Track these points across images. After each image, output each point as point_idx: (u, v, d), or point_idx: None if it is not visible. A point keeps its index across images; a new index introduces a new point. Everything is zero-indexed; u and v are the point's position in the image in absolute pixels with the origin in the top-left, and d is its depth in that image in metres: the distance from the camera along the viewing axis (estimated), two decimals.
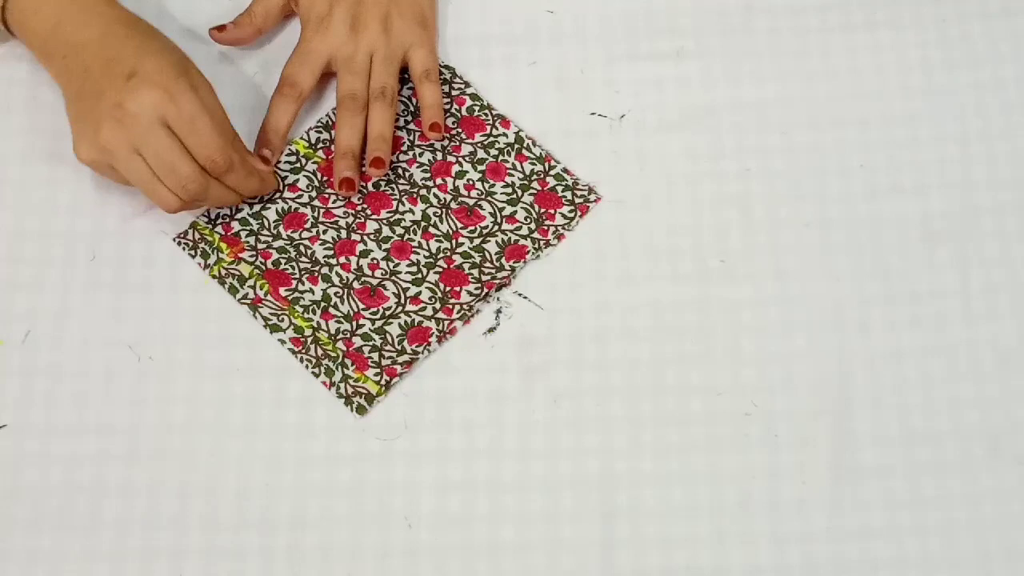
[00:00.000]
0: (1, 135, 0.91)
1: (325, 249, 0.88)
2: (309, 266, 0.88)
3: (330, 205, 0.89)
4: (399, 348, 0.85)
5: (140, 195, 0.88)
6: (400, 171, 0.90)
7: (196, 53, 0.93)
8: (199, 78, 0.84)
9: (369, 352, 0.85)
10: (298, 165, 0.90)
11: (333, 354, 0.85)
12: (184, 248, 0.88)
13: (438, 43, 0.94)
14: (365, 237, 0.88)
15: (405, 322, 0.86)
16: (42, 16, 0.85)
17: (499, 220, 0.89)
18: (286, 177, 0.90)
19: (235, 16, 0.93)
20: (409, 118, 0.92)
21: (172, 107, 0.81)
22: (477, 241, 0.88)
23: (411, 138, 0.91)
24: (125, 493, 0.82)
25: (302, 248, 0.88)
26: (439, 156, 0.91)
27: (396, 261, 0.88)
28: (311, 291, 0.87)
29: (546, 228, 0.89)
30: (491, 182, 0.90)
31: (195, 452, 0.83)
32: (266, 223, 0.89)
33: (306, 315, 0.86)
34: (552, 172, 0.90)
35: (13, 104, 0.92)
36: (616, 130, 0.92)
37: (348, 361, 0.85)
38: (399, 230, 0.89)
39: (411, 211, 0.89)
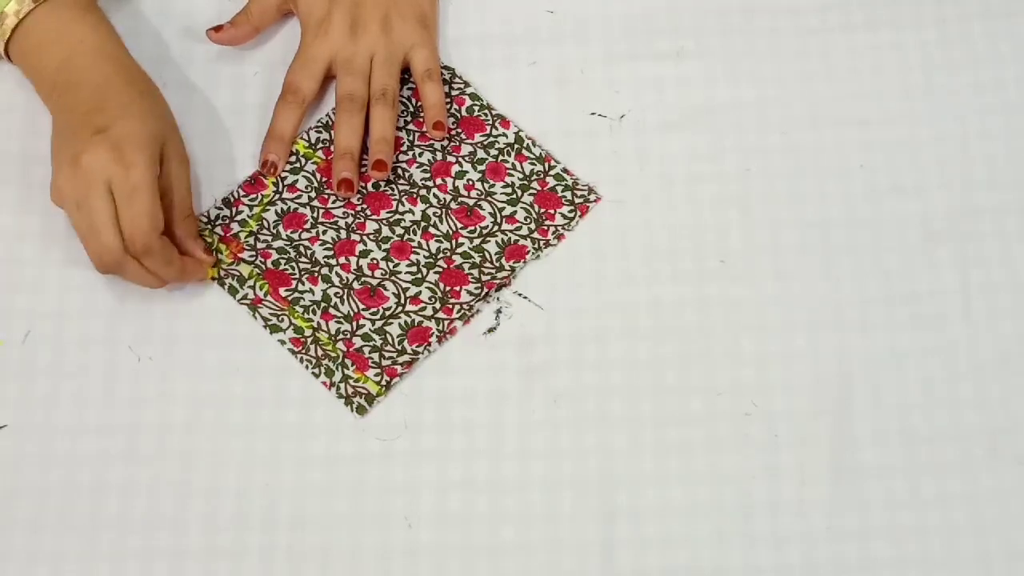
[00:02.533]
0: (2, 135, 0.91)
1: (325, 249, 0.88)
2: (309, 266, 0.88)
3: (330, 205, 0.89)
4: (399, 348, 0.85)
5: None
6: (400, 171, 0.90)
7: (194, 53, 0.93)
8: (173, 153, 0.84)
9: (369, 352, 0.85)
10: (298, 165, 0.90)
11: (333, 354, 0.85)
12: None
13: (439, 43, 0.94)
14: (365, 237, 0.88)
15: (405, 322, 0.86)
16: (50, 54, 0.86)
17: (499, 220, 0.89)
18: (285, 177, 0.90)
19: (232, 16, 0.92)
20: (409, 118, 0.92)
21: (120, 173, 0.81)
22: (477, 241, 0.88)
23: (411, 138, 0.91)
24: (125, 493, 0.82)
25: (302, 248, 0.88)
26: (439, 156, 0.91)
27: (396, 261, 0.88)
28: (311, 291, 0.87)
29: (546, 228, 0.89)
30: (491, 182, 0.90)
31: (195, 452, 0.83)
32: (266, 223, 0.89)
33: (306, 315, 0.86)
34: (552, 172, 0.90)
35: (14, 104, 0.92)
36: (616, 130, 0.92)
37: (348, 361, 0.85)
38: (399, 230, 0.89)
39: (411, 211, 0.89)
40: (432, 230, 0.89)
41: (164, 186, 0.84)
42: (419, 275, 0.87)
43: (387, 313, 0.86)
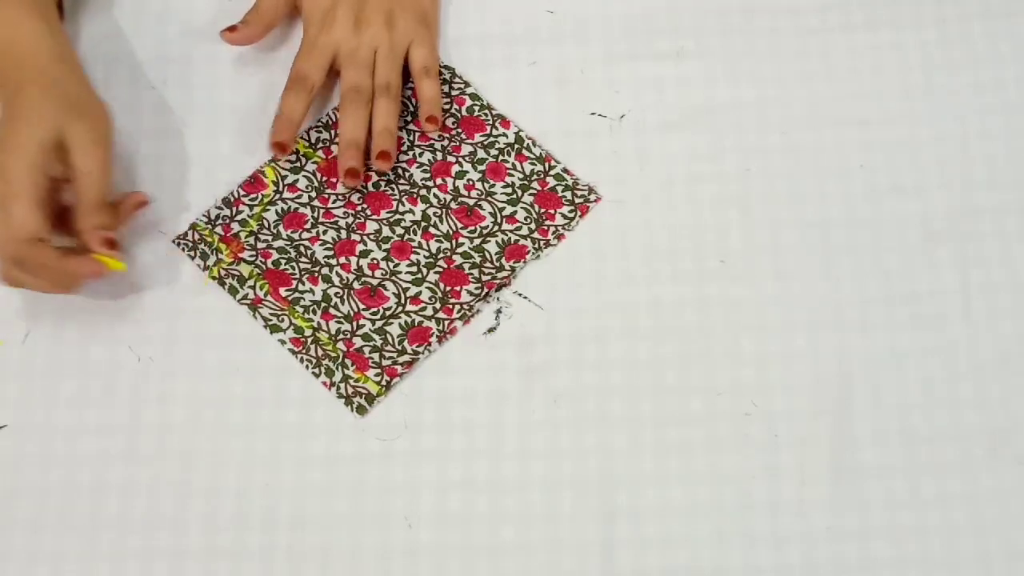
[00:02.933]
0: None
1: (325, 249, 0.88)
2: (309, 266, 0.88)
3: (330, 205, 0.89)
4: (399, 348, 0.85)
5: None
6: (400, 171, 0.90)
7: (195, 52, 0.93)
8: (77, 141, 0.82)
9: (369, 352, 0.85)
10: (298, 165, 0.90)
11: (333, 354, 0.85)
12: (184, 249, 0.88)
13: (439, 43, 0.94)
14: (365, 237, 0.88)
15: (405, 322, 0.86)
16: None
17: (499, 220, 0.89)
18: (286, 177, 0.90)
19: (241, 16, 0.92)
20: (409, 118, 0.92)
21: None
22: (477, 241, 0.88)
23: (411, 138, 0.91)
24: (125, 493, 0.82)
25: (302, 248, 0.88)
26: (439, 156, 0.91)
27: (396, 261, 0.88)
28: (311, 291, 0.87)
29: (546, 228, 0.89)
30: (491, 182, 0.90)
31: (195, 452, 0.83)
32: (266, 223, 0.89)
33: (306, 315, 0.86)
34: (552, 172, 0.90)
35: None
36: (616, 130, 0.92)
37: (348, 361, 0.85)
38: (399, 230, 0.89)
39: (411, 211, 0.89)
40: (432, 230, 0.89)
41: (72, 177, 0.82)
42: (419, 275, 0.87)
43: (387, 313, 0.86)
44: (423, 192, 0.90)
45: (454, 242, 0.88)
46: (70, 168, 0.82)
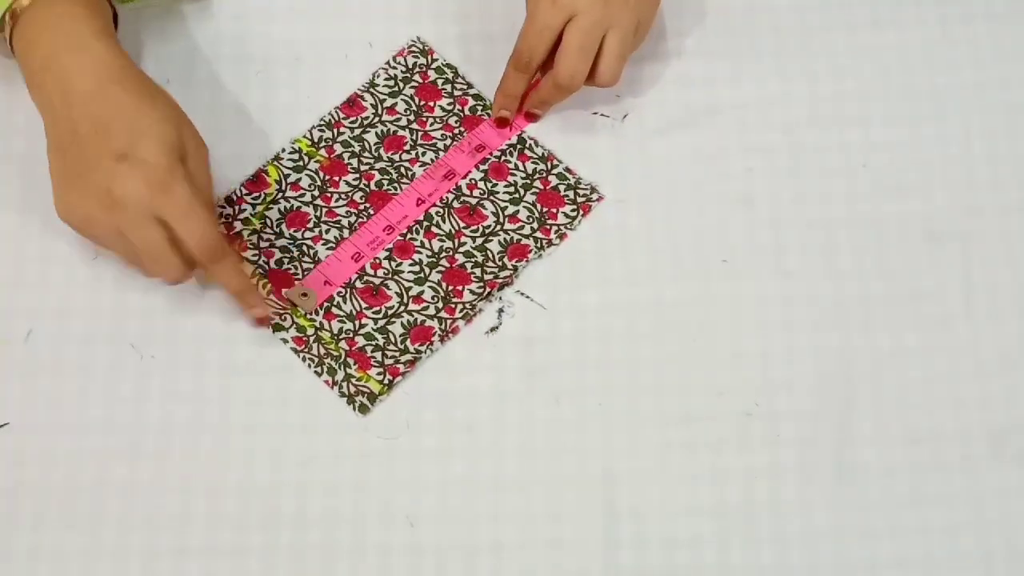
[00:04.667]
0: (3, 134, 0.91)
1: (328, 249, 0.88)
2: (311, 266, 0.87)
3: (332, 204, 0.89)
4: (402, 347, 0.85)
5: None
6: (403, 170, 0.90)
7: (197, 52, 0.93)
8: (193, 147, 0.82)
9: (372, 351, 0.85)
10: (300, 164, 0.91)
11: (336, 353, 0.85)
12: None
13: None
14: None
15: (408, 321, 0.86)
16: (37, 48, 0.82)
17: (501, 219, 0.89)
18: (288, 175, 0.90)
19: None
20: (412, 118, 0.92)
21: (162, 200, 0.78)
22: (479, 240, 0.88)
23: (413, 138, 0.91)
24: (127, 491, 0.82)
25: (304, 248, 0.88)
26: (442, 156, 0.91)
27: (399, 260, 0.88)
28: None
29: (548, 227, 0.89)
30: (493, 181, 0.90)
31: (197, 450, 0.83)
32: (268, 222, 0.89)
33: (309, 315, 0.86)
34: (554, 171, 0.91)
35: (15, 103, 0.92)
36: (618, 129, 0.92)
37: (351, 360, 0.85)
38: (403, 230, 0.89)
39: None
40: (435, 229, 0.89)
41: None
42: (422, 274, 0.87)
43: (389, 312, 0.86)
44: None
45: (456, 241, 0.88)
46: (187, 170, 0.81)
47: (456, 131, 0.92)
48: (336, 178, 0.90)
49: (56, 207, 0.81)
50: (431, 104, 0.92)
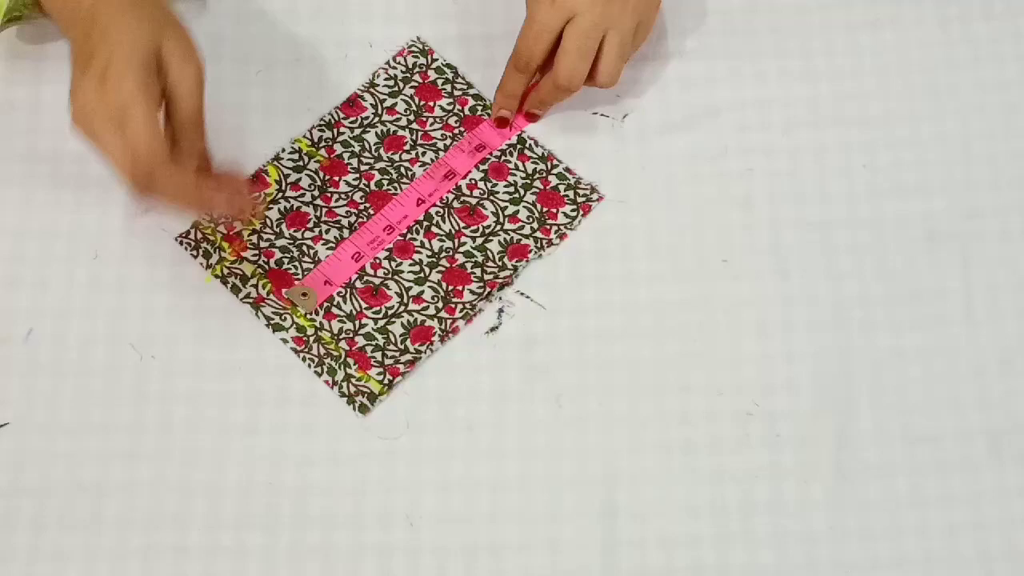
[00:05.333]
0: (4, 134, 0.91)
1: (328, 249, 0.88)
2: (312, 266, 0.88)
3: (332, 204, 0.89)
4: (402, 347, 0.85)
5: None
6: (403, 170, 0.90)
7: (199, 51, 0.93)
8: (172, 56, 0.80)
9: (372, 351, 0.85)
10: (300, 164, 0.91)
11: (336, 353, 0.85)
12: (186, 248, 0.88)
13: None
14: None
15: (408, 321, 0.86)
16: None
17: (501, 219, 0.89)
18: (288, 175, 0.90)
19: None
20: (412, 117, 0.92)
21: (105, 106, 0.77)
22: (479, 240, 0.88)
23: (413, 138, 0.91)
24: (127, 492, 0.82)
25: (304, 248, 0.88)
26: (442, 156, 0.91)
27: (398, 260, 0.88)
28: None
29: (548, 227, 0.89)
30: (493, 181, 0.90)
31: (197, 451, 0.83)
32: (268, 222, 0.89)
33: (309, 315, 0.86)
34: (554, 171, 0.91)
35: (16, 102, 0.92)
36: (618, 129, 0.92)
37: (351, 360, 0.85)
38: (403, 230, 0.89)
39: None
40: (435, 229, 0.89)
41: (168, 95, 0.81)
42: (422, 274, 0.87)
43: (389, 312, 0.86)
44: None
45: (456, 241, 0.88)
46: (167, 85, 0.80)
47: (456, 131, 0.92)
48: (336, 178, 0.90)
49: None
50: (431, 104, 0.92)
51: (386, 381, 0.85)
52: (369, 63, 0.94)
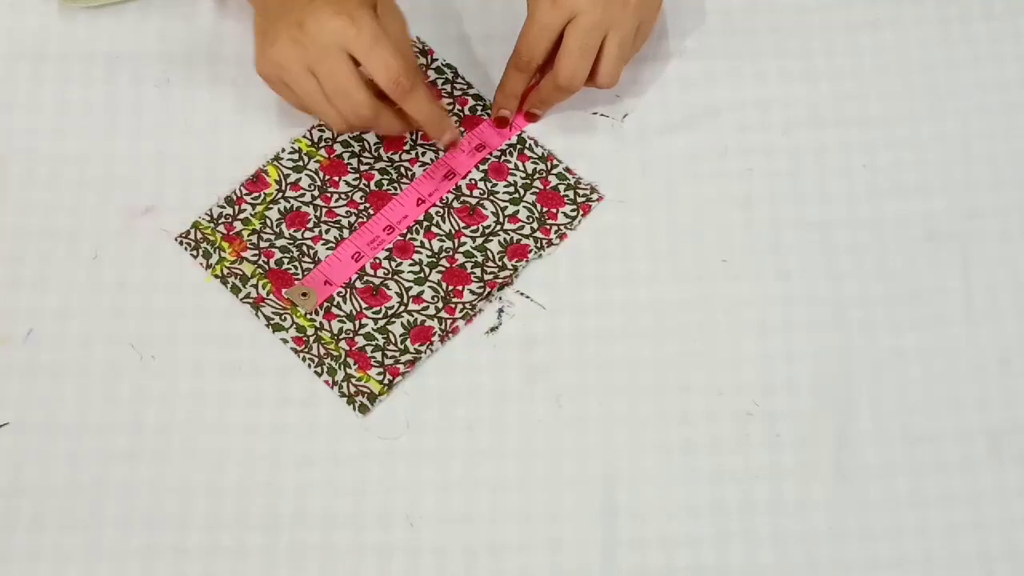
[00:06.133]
0: (4, 134, 0.91)
1: (327, 249, 0.88)
2: (312, 266, 0.88)
3: (332, 204, 0.89)
4: (402, 347, 0.85)
5: (143, 193, 0.89)
6: (403, 170, 0.90)
7: (197, 51, 0.93)
8: (387, 9, 0.83)
9: (372, 351, 0.85)
10: (300, 164, 0.91)
11: (336, 353, 0.85)
12: (186, 248, 0.88)
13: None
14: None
15: (408, 321, 0.86)
16: None
17: (501, 219, 0.89)
18: (288, 175, 0.90)
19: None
20: None
21: (352, 30, 0.80)
22: (479, 240, 0.88)
23: (414, 138, 0.91)
24: (127, 492, 0.82)
25: (304, 248, 0.88)
26: (442, 156, 0.91)
27: (399, 260, 0.88)
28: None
29: (548, 227, 0.89)
30: (493, 181, 0.90)
31: (197, 451, 0.83)
32: (268, 222, 0.89)
33: (309, 315, 0.86)
34: (554, 171, 0.91)
35: (16, 102, 0.92)
36: (618, 129, 0.92)
37: (351, 360, 0.85)
38: (403, 230, 0.89)
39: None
40: (435, 229, 0.89)
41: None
42: (422, 274, 0.87)
43: (389, 312, 0.86)
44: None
45: (456, 241, 0.88)
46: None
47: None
48: (336, 178, 0.90)
49: (256, 65, 0.83)
50: None
51: (386, 381, 0.85)
52: None
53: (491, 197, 0.90)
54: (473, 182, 0.90)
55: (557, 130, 0.92)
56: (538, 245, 0.89)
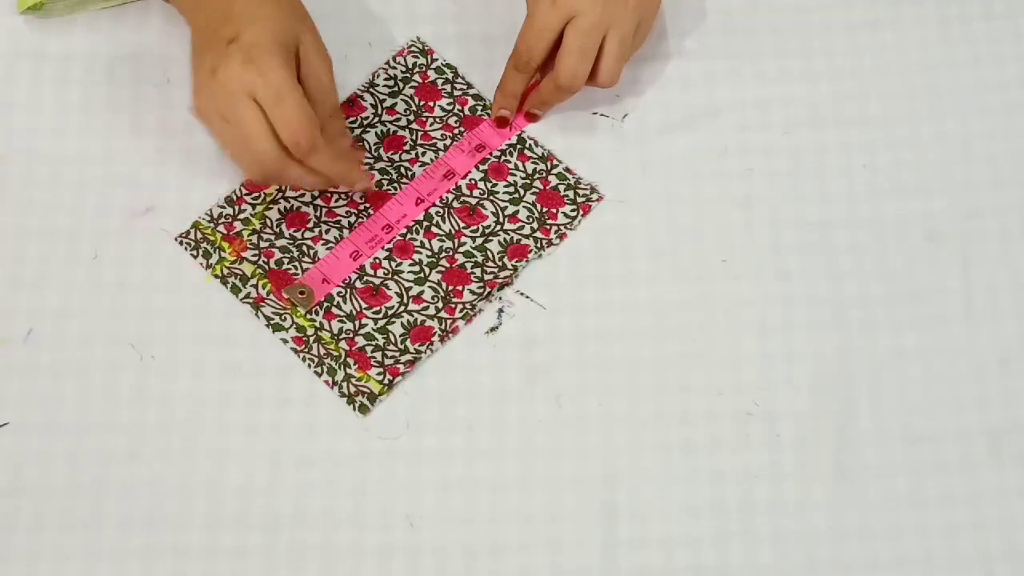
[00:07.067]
0: (4, 134, 0.91)
1: (327, 249, 0.88)
2: (311, 266, 0.88)
3: (332, 204, 0.89)
4: (402, 347, 0.85)
5: (143, 193, 0.89)
6: (403, 170, 0.90)
7: None
8: (309, 50, 0.83)
9: (372, 351, 0.85)
10: None
11: (336, 353, 0.85)
12: (186, 248, 0.88)
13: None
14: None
15: (408, 321, 0.86)
16: None
17: (501, 219, 0.89)
18: None
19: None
20: (412, 118, 0.92)
21: (258, 80, 0.79)
22: (479, 240, 0.88)
23: (413, 138, 0.91)
24: (127, 492, 0.82)
25: (304, 248, 0.88)
26: (442, 156, 0.91)
27: (398, 260, 0.88)
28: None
29: (548, 227, 0.89)
30: (493, 181, 0.90)
31: (197, 451, 0.83)
32: (268, 222, 0.89)
33: (308, 315, 0.86)
34: (554, 171, 0.91)
35: (15, 102, 0.92)
36: (618, 130, 0.92)
37: (351, 360, 0.85)
38: (402, 229, 0.89)
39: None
40: (435, 229, 0.89)
41: (305, 86, 0.83)
42: (422, 274, 0.87)
43: (389, 312, 0.86)
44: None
45: (456, 241, 0.88)
46: (303, 76, 0.82)
47: (456, 131, 0.92)
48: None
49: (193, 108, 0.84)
50: (431, 104, 0.92)
51: (386, 381, 0.85)
52: (369, 63, 0.94)
53: (491, 197, 0.90)
54: (473, 182, 0.90)
55: (557, 130, 0.92)
56: (538, 245, 0.89)
